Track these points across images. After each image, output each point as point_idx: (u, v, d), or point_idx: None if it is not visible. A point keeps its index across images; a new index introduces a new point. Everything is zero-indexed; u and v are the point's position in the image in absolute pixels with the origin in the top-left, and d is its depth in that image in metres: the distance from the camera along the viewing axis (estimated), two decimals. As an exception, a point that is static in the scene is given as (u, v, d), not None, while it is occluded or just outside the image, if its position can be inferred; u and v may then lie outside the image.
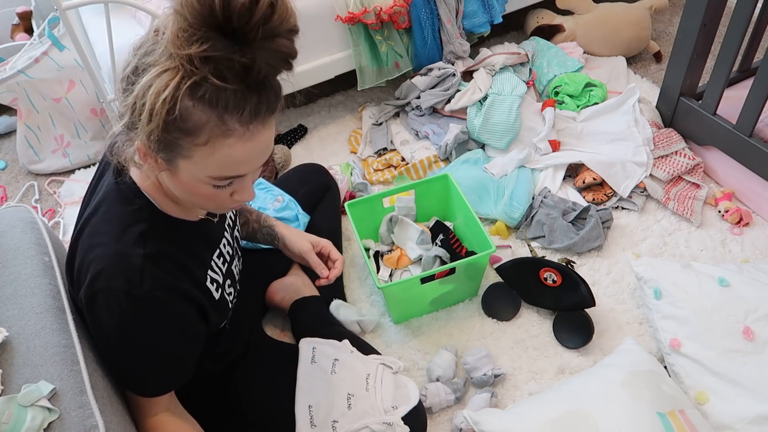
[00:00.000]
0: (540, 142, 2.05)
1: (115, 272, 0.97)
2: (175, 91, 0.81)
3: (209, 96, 0.82)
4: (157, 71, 0.82)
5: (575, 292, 1.58)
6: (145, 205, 1.01)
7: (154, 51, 0.84)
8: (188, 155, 0.88)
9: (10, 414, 0.91)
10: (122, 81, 0.89)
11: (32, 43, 2.20)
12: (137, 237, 0.99)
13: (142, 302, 0.98)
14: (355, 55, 2.15)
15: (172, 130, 0.84)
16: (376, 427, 1.22)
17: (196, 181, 0.93)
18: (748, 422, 1.32)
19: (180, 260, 1.04)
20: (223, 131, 0.85)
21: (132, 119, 0.86)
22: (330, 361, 1.32)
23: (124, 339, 1.01)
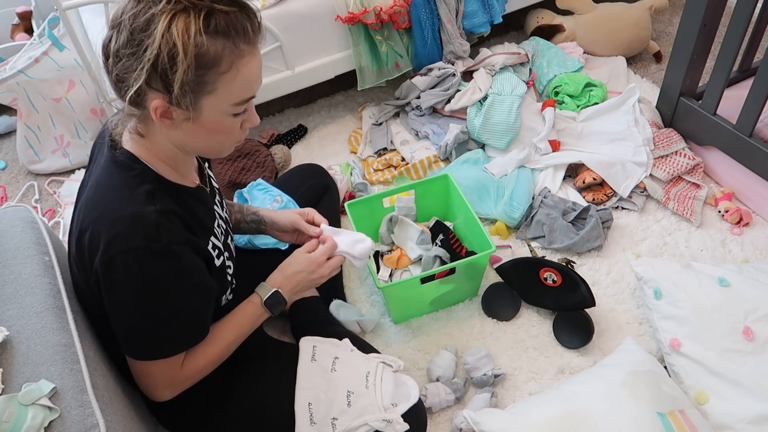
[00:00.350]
0: (540, 142, 2.05)
1: (131, 232, 0.98)
2: (197, 27, 0.90)
3: (220, 25, 0.92)
4: (166, 18, 0.89)
5: (575, 292, 1.58)
6: (145, 169, 1.05)
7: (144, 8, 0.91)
8: (212, 89, 0.96)
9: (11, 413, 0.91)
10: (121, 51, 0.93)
11: (32, 43, 2.21)
12: (146, 196, 1.02)
13: (162, 257, 1.00)
14: (355, 55, 2.15)
15: (199, 66, 0.92)
16: (376, 424, 1.22)
17: (220, 114, 1.00)
18: (748, 422, 1.32)
19: (185, 219, 1.07)
20: (238, 53, 0.95)
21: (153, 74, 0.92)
22: (330, 358, 1.32)
23: (146, 297, 1.02)
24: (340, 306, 1.64)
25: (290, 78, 2.13)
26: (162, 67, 0.91)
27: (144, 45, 0.91)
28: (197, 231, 1.10)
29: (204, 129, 1.02)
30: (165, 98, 0.95)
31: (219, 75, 0.95)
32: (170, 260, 1.01)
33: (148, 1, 0.91)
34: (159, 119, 0.98)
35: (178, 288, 1.04)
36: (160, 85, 0.93)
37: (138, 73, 0.92)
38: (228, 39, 0.93)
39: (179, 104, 0.95)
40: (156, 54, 0.90)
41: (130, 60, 0.93)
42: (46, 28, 2.14)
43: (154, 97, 0.95)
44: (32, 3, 2.48)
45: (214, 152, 1.11)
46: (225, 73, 0.95)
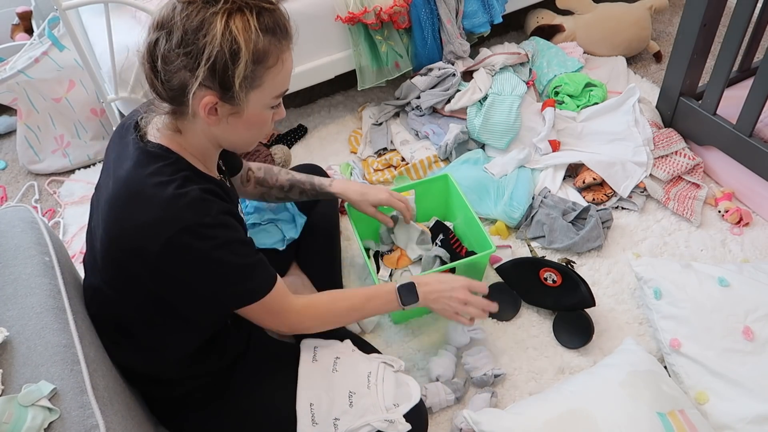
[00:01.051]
0: (540, 142, 2.05)
1: (180, 212, 1.01)
2: (254, 24, 0.96)
3: (269, 22, 0.99)
4: (223, 17, 0.95)
5: (575, 292, 1.58)
6: (179, 159, 1.08)
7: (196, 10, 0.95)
8: (260, 83, 1.02)
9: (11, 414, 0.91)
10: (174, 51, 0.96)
11: (32, 43, 2.21)
12: (184, 180, 1.05)
13: (215, 226, 1.04)
14: (355, 55, 2.15)
15: (255, 61, 0.98)
16: (378, 424, 1.22)
17: (261, 107, 1.07)
18: (748, 422, 1.32)
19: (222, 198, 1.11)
20: (282, 48, 1.02)
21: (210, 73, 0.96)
22: (331, 359, 1.32)
23: (218, 262, 1.06)
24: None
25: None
26: (222, 65, 0.96)
27: (200, 44, 0.95)
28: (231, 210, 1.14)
29: (246, 122, 1.07)
30: (216, 95, 1.00)
31: (267, 69, 1.01)
32: (223, 227, 1.06)
33: (201, 3, 0.95)
34: (206, 116, 1.02)
35: (237, 247, 1.09)
36: (215, 82, 0.98)
37: (196, 72, 0.96)
38: (275, 35, 1.00)
39: (231, 100, 1.00)
40: (217, 51, 0.95)
41: (185, 60, 0.96)
42: (46, 28, 2.14)
43: (205, 95, 0.99)
44: (32, 3, 2.48)
45: (246, 145, 1.17)
46: (272, 67, 1.01)
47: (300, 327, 1.25)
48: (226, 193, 1.18)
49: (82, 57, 1.81)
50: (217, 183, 1.16)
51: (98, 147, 2.30)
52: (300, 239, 1.69)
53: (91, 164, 2.31)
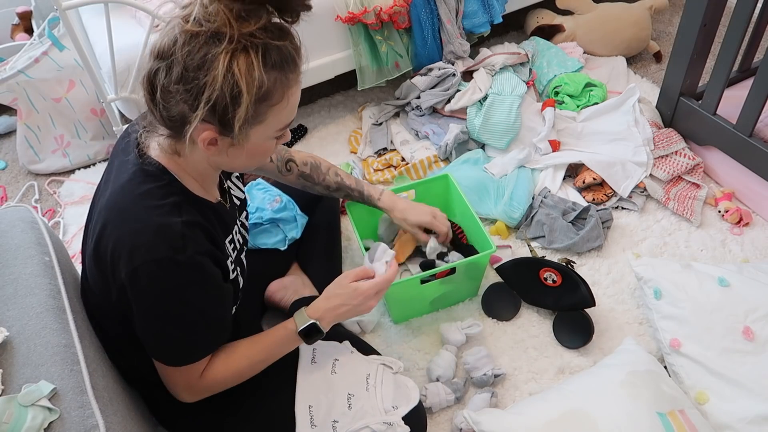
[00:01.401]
0: (540, 142, 2.05)
1: (156, 242, 0.99)
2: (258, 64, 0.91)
3: (275, 60, 0.93)
4: (226, 57, 0.89)
5: (575, 292, 1.58)
6: (173, 181, 1.06)
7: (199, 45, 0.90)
8: (263, 120, 0.98)
9: (11, 414, 0.91)
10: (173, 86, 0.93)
11: (32, 43, 2.21)
12: (172, 207, 1.02)
13: (187, 267, 1.01)
14: (355, 55, 2.15)
15: (257, 102, 0.94)
16: (377, 427, 1.22)
17: (264, 140, 1.03)
18: (748, 422, 1.32)
19: (208, 231, 1.08)
20: (287, 84, 0.97)
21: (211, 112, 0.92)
22: (330, 360, 1.32)
23: (170, 307, 1.03)
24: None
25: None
26: (222, 107, 0.92)
27: (200, 83, 0.90)
28: (219, 243, 1.12)
29: (247, 153, 1.04)
30: (216, 130, 0.96)
31: (271, 107, 0.97)
32: (194, 270, 1.02)
33: (204, 38, 0.90)
34: (205, 148, 0.99)
35: (201, 297, 1.06)
36: (216, 119, 0.94)
37: (195, 112, 0.92)
38: (280, 72, 0.95)
39: (231, 136, 0.97)
40: (217, 95, 0.90)
41: (184, 96, 0.92)
42: (46, 28, 2.14)
43: (205, 129, 0.96)
44: (32, 3, 2.48)
45: (248, 169, 1.16)
46: (276, 104, 0.97)
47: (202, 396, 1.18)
48: (220, 219, 1.15)
49: (82, 57, 1.81)
50: (211, 208, 1.13)
51: (98, 147, 2.30)
52: (301, 239, 1.69)
53: (91, 164, 2.31)
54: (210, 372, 1.14)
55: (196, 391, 1.16)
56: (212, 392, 1.18)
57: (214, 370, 1.15)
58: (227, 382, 1.18)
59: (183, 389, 1.15)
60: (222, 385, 1.18)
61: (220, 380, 1.16)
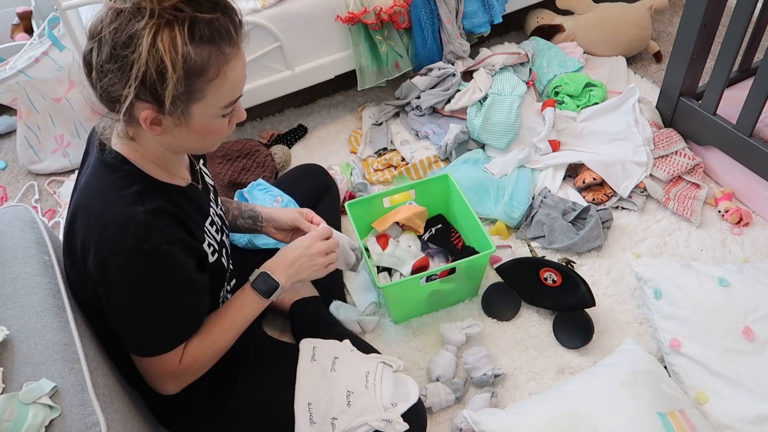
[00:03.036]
0: (540, 142, 2.05)
1: (120, 234, 0.98)
2: (182, 39, 0.89)
3: (205, 33, 0.90)
4: (150, 34, 0.88)
5: (575, 292, 1.58)
6: (134, 170, 1.05)
7: (124, 22, 0.89)
8: (202, 96, 0.96)
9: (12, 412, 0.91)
10: (105, 66, 0.92)
11: (32, 43, 2.21)
12: (134, 197, 1.01)
13: (153, 256, 1.00)
14: (355, 55, 2.15)
15: (187, 77, 0.91)
16: (376, 424, 1.22)
17: (209, 118, 1.00)
18: (748, 422, 1.32)
19: (177, 216, 1.06)
20: (224, 59, 0.94)
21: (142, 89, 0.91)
22: (330, 358, 1.32)
23: (140, 298, 1.03)
24: (340, 306, 1.64)
25: (290, 78, 2.13)
26: (151, 83, 0.90)
27: (129, 61, 0.89)
28: (191, 228, 1.10)
29: (195, 132, 1.02)
30: (154, 108, 0.94)
31: (207, 82, 0.94)
32: (161, 259, 1.01)
33: (128, 15, 0.89)
34: (149, 128, 0.97)
35: (170, 286, 1.05)
36: (150, 97, 0.93)
37: (127, 90, 0.91)
38: (213, 46, 0.92)
39: (169, 114, 0.95)
40: (144, 71, 0.89)
41: (116, 75, 0.92)
42: (46, 28, 2.14)
43: (144, 108, 0.95)
44: (32, 3, 2.48)
45: (203, 150, 1.12)
46: (213, 80, 0.95)
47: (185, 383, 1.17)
48: (192, 203, 1.14)
49: (82, 57, 1.80)
50: (181, 193, 1.12)
51: (98, 147, 2.30)
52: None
53: (91, 164, 2.31)
54: (187, 356, 1.13)
55: (178, 379, 1.15)
56: (194, 376, 1.17)
57: (191, 352, 1.14)
58: (206, 361, 1.18)
59: (165, 380, 1.14)
60: (202, 366, 1.17)
61: (198, 361, 1.16)
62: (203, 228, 1.16)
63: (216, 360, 1.20)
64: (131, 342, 1.09)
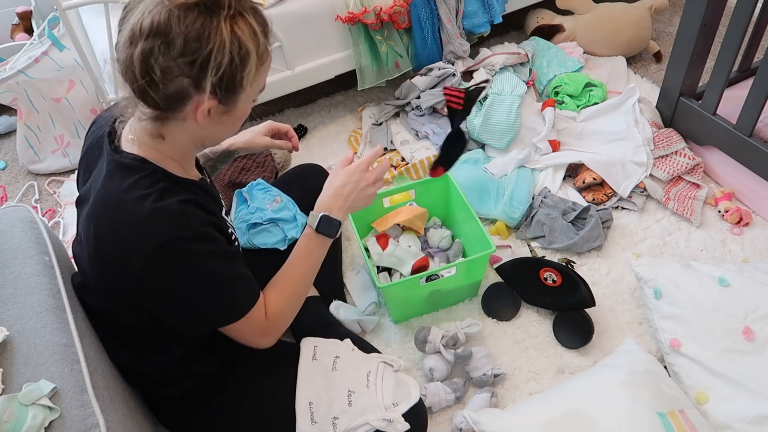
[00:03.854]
0: (540, 142, 2.05)
1: (159, 227, 1.00)
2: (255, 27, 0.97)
3: (261, 20, 0.99)
4: (227, 23, 0.93)
5: (575, 292, 1.58)
6: (156, 169, 1.07)
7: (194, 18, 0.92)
8: (252, 80, 1.01)
9: (12, 413, 0.91)
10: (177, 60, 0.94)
11: (32, 43, 2.21)
12: (162, 192, 1.04)
13: (195, 240, 1.03)
14: (355, 55, 2.15)
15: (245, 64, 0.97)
16: (377, 423, 1.22)
17: (248, 102, 1.07)
18: (748, 422, 1.32)
19: (203, 207, 1.10)
20: (268, 44, 1.02)
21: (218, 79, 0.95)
22: (331, 358, 1.33)
23: (198, 279, 1.06)
24: (340, 306, 1.64)
25: (290, 78, 2.13)
26: (230, 71, 0.96)
27: (205, 52, 0.93)
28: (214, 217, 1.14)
29: (234, 118, 1.08)
30: (217, 98, 0.99)
31: (261, 65, 1.01)
32: (204, 241, 1.05)
33: (200, 9, 0.92)
34: (201, 118, 1.01)
35: (218, 260, 1.08)
36: (221, 87, 0.97)
37: (201, 81, 0.95)
38: (264, 33, 1.00)
39: (229, 101, 1.01)
40: (227, 59, 0.94)
41: (188, 69, 0.94)
42: (46, 28, 2.14)
43: (202, 100, 0.98)
44: (32, 3, 2.48)
45: (223, 139, 1.18)
46: (263, 64, 1.02)
47: (278, 334, 1.24)
48: (209, 195, 1.18)
49: (82, 57, 1.81)
50: (197, 186, 1.14)
51: (98, 147, 2.30)
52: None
53: (91, 164, 2.31)
54: (270, 308, 1.19)
55: (270, 332, 1.21)
56: (285, 326, 1.24)
57: (272, 304, 1.20)
58: (290, 310, 1.25)
59: (259, 336, 1.20)
60: (288, 315, 1.24)
61: (283, 311, 1.22)
62: (222, 217, 1.20)
63: (299, 307, 1.27)
64: (200, 320, 1.12)
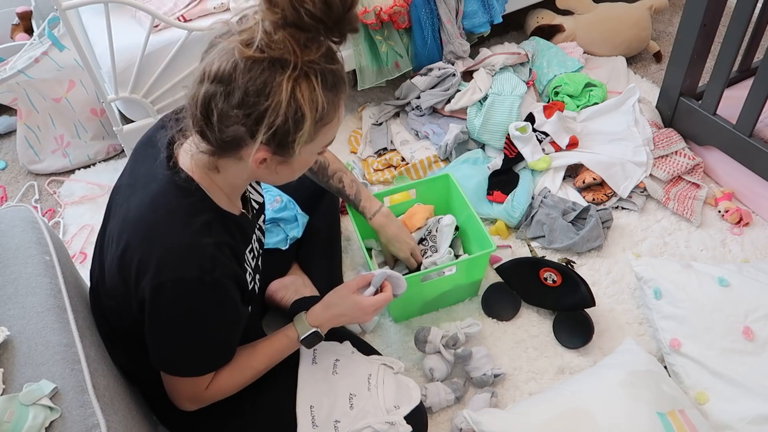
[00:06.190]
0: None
1: (186, 261, 1.00)
2: (318, 90, 0.93)
3: (331, 83, 0.95)
4: (289, 84, 0.91)
5: (575, 292, 1.58)
6: (204, 198, 1.06)
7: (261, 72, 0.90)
8: (314, 137, 0.99)
9: (12, 413, 0.91)
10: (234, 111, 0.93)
11: (32, 43, 2.20)
12: (203, 226, 1.03)
13: (212, 288, 1.02)
14: (355, 55, 2.15)
15: (315, 124, 0.96)
16: (379, 426, 1.22)
17: (311, 155, 1.06)
18: (748, 422, 1.33)
19: (234, 249, 1.09)
20: (339, 104, 1.00)
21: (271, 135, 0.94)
22: (331, 361, 1.32)
23: (188, 325, 1.05)
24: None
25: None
26: (283, 130, 0.93)
27: (261, 108, 0.91)
28: (240, 258, 1.13)
29: (293, 168, 1.06)
30: (271, 150, 0.97)
31: (323, 125, 0.99)
32: (218, 292, 1.04)
33: (266, 64, 0.90)
34: (257, 167, 1.00)
35: (219, 318, 1.08)
36: (274, 142, 0.95)
37: (255, 134, 0.94)
38: (335, 94, 0.97)
39: (284, 155, 0.98)
40: (281, 119, 0.92)
41: (243, 120, 0.93)
42: (46, 28, 2.14)
43: (259, 149, 0.96)
44: (32, 3, 2.48)
45: (282, 183, 1.14)
46: (329, 123, 0.99)
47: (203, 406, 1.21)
48: (242, 231, 1.16)
49: (82, 57, 1.80)
50: (236, 223, 1.13)
51: (98, 147, 2.30)
52: (301, 239, 1.69)
53: (91, 164, 2.31)
54: (215, 384, 1.17)
55: (199, 401, 1.19)
56: (213, 401, 1.20)
57: (220, 381, 1.17)
58: (230, 392, 1.21)
59: (187, 399, 1.17)
60: (225, 395, 1.20)
61: (224, 391, 1.19)
62: (244, 256, 1.18)
63: (238, 391, 1.23)
64: (163, 360, 1.11)
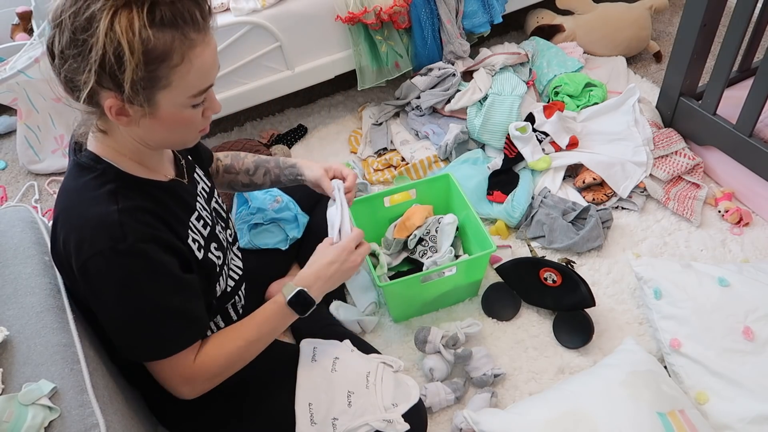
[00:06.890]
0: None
1: (96, 235, 0.97)
2: (141, 22, 0.85)
3: (166, 16, 0.87)
4: (108, 16, 0.85)
5: (575, 292, 1.58)
6: (107, 168, 1.02)
7: (83, 6, 0.86)
8: (167, 83, 0.93)
9: (11, 412, 0.91)
10: (66, 52, 0.90)
11: (32, 43, 2.20)
12: (107, 196, 0.99)
13: (130, 256, 0.98)
14: (355, 55, 2.15)
15: (149, 62, 0.89)
16: (377, 424, 1.22)
17: (178, 107, 0.97)
18: (748, 422, 1.32)
19: (156, 213, 1.04)
20: (189, 44, 0.91)
21: (102, 74, 0.88)
22: (330, 359, 1.32)
23: (125, 299, 1.00)
24: (339, 306, 1.64)
25: (290, 78, 2.13)
26: (110, 67, 0.87)
27: (88, 45, 0.86)
28: (172, 224, 1.07)
29: (163, 123, 0.99)
30: (118, 96, 0.91)
31: (171, 68, 0.91)
32: (139, 258, 0.99)
33: None
34: (115, 117, 0.95)
35: (153, 286, 1.01)
36: (111, 84, 0.90)
37: (87, 75, 0.88)
38: (176, 30, 0.89)
39: (133, 102, 0.92)
40: (102, 54, 0.86)
41: (77, 61, 0.89)
42: (46, 28, 2.14)
43: (107, 96, 0.92)
44: (32, 3, 2.47)
45: (178, 144, 1.09)
46: (178, 65, 0.91)
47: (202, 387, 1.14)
48: (176, 198, 1.12)
49: (82, 57, 1.80)
50: (161, 188, 1.09)
51: (98, 147, 2.30)
52: (301, 240, 1.69)
53: (91, 164, 2.31)
54: (203, 357, 1.11)
55: (193, 382, 1.11)
56: (213, 381, 1.14)
57: (207, 354, 1.11)
58: (225, 368, 1.14)
59: (179, 383, 1.10)
60: (220, 371, 1.14)
61: (216, 365, 1.12)
62: (188, 224, 1.13)
63: (236, 369, 1.17)
64: (126, 345, 1.06)
